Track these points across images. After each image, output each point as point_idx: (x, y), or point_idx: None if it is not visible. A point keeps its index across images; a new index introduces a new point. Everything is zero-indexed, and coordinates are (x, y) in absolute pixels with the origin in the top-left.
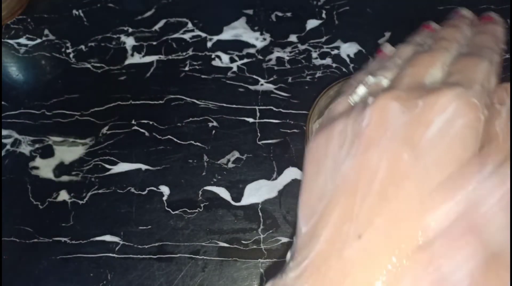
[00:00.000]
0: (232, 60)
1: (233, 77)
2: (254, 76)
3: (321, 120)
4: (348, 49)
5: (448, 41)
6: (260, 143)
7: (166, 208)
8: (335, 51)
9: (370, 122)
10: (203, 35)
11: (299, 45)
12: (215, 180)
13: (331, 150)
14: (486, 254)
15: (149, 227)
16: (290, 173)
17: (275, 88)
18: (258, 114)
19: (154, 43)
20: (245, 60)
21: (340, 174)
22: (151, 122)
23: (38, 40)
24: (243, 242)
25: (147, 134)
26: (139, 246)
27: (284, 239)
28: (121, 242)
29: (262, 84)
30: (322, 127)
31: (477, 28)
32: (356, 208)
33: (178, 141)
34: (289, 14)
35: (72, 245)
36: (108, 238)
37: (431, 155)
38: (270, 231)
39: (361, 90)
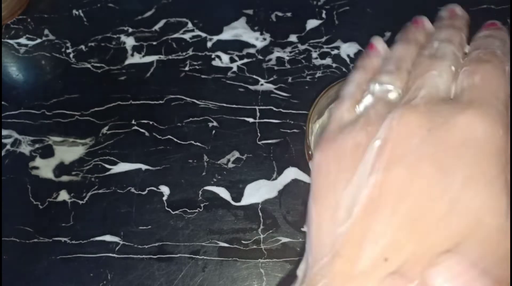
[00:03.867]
0: (232, 60)
1: (233, 77)
2: (254, 76)
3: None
4: (348, 49)
5: (453, 44)
6: (260, 143)
7: (166, 208)
8: (335, 51)
9: (391, 138)
10: (203, 35)
11: (299, 45)
12: (215, 180)
13: (345, 166)
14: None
15: (149, 227)
16: (290, 173)
17: (275, 88)
18: (258, 114)
19: (154, 43)
20: (245, 60)
21: (361, 192)
22: (151, 122)
23: (38, 40)
24: (243, 242)
25: (147, 134)
26: (139, 246)
27: (284, 239)
28: (121, 242)
29: (262, 84)
30: (329, 139)
31: (484, 32)
32: (381, 229)
33: (178, 141)
34: (289, 14)
35: (72, 245)
36: (108, 238)
37: (459, 175)
38: (270, 231)
39: (368, 100)
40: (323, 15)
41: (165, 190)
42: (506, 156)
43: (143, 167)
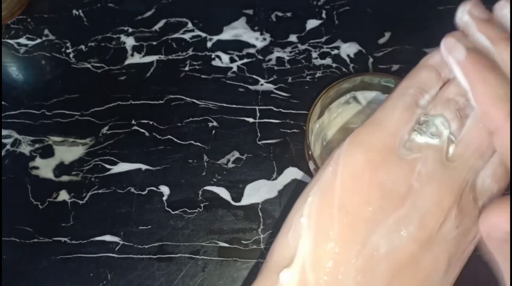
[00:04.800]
0: (232, 60)
1: (233, 77)
2: (254, 76)
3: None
4: (348, 49)
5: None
6: (260, 143)
7: (166, 208)
8: (335, 51)
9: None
10: (203, 35)
11: (299, 45)
12: (215, 180)
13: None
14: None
15: (149, 227)
16: (290, 173)
17: (275, 88)
18: (258, 114)
19: (154, 43)
20: (245, 60)
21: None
22: (151, 122)
23: (38, 40)
24: (243, 242)
25: (147, 134)
26: (139, 246)
27: None
28: (121, 242)
29: (262, 84)
30: (382, 152)
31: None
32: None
33: (178, 141)
34: (289, 14)
35: (72, 245)
36: (108, 238)
37: None
38: (270, 231)
39: (433, 141)
40: (323, 15)
41: (165, 190)
42: None
43: (143, 167)
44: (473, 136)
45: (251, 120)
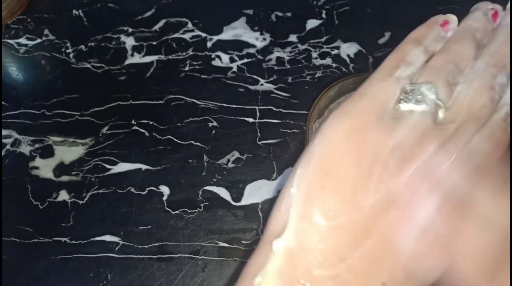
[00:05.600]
0: (232, 60)
1: (233, 77)
2: (254, 76)
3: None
4: (348, 49)
5: None
6: (260, 143)
7: (166, 208)
8: (335, 51)
9: (406, 184)
10: (203, 35)
11: (299, 45)
12: (215, 180)
13: (367, 160)
14: (444, 192)
15: (149, 227)
16: (290, 173)
17: (275, 88)
18: (258, 114)
19: (154, 43)
20: (245, 60)
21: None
22: (151, 122)
23: (38, 40)
24: (243, 242)
25: (147, 134)
26: (139, 246)
27: None
28: (121, 242)
29: (262, 84)
30: (363, 119)
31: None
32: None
33: (178, 141)
34: (289, 14)
35: (72, 245)
36: (108, 238)
37: None
38: None
39: (420, 107)
40: (323, 15)
41: (165, 190)
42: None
43: (143, 167)
44: (466, 99)
45: (251, 120)
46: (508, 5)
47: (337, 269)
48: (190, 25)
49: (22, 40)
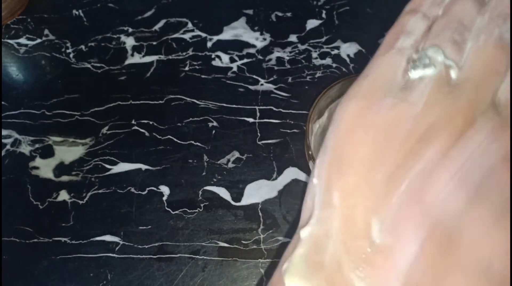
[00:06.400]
0: (232, 60)
1: (233, 77)
2: (254, 76)
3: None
4: (348, 49)
5: None
6: (260, 143)
7: (166, 208)
8: (335, 51)
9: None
10: (203, 35)
11: (299, 45)
12: (215, 180)
13: (396, 145)
14: (433, 223)
15: (149, 227)
16: (290, 173)
17: (275, 88)
18: (258, 114)
19: (154, 43)
20: (245, 60)
21: (406, 182)
22: (151, 122)
23: (38, 40)
24: (243, 242)
25: (147, 134)
26: (139, 246)
27: (284, 239)
28: (121, 242)
29: (262, 84)
30: (371, 97)
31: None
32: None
33: (178, 141)
34: (289, 14)
35: (72, 245)
36: (108, 238)
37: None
38: (270, 231)
39: (429, 71)
40: (323, 15)
41: (165, 190)
42: None
43: (143, 167)
44: (480, 54)
45: (251, 120)
46: None
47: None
48: (190, 25)
49: (22, 40)
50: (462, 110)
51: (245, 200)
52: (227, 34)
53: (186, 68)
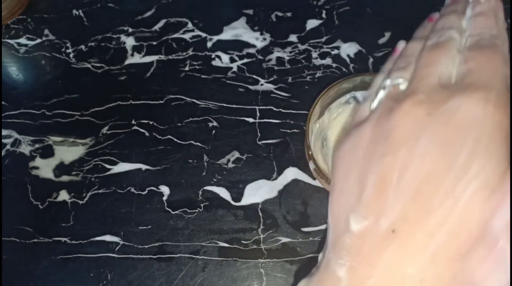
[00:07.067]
0: (232, 60)
1: (233, 77)
2: (254, 76)
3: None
4: (348, 49)
5: (449, 29)
6: (260, 143)
7: (166, 208)
8: (335, 51)
9: (397, 125)
10: (203, 35)
11: (299, 45)
12: (215, 180)
13: (360, 155)
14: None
15: (149, 227)
16: (290, 173)
17: (275, 88)
18: (258, 114)
19: (154, 43)
20: (245, 60)
21: (372, 174)
22: (151, 122)
23: (38, 40)
24: (243, 242)
25: (147, 134)
26: (139, 246)
27: (284, 239)
28: (121, 242)
29: (262, 84)
30: (348, 136)
31: (475, 10)
32: (388, 205)
33: (178, 141)
34: (289, 14)
35: (72, 245)
36: (108, 238)
37: (461, 151)
38: (270, 231)
39: (381, 95)
40: (323, 15)
41: (165, 190)
42: (506, 134)
43: (143, 167)
44: (423, 59)
45: (251, 120)
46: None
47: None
48: (190, 25)
49: (22, 40)
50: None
51: (245, 200)
52: (227, 34)
53: (186, 68)
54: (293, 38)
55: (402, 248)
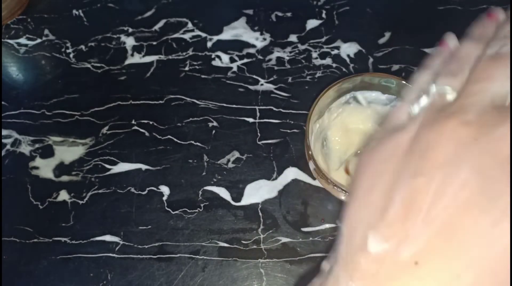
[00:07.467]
0: (232, 60)
1: (233, 77)
2: (254, 76)
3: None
4: (348, 49)
5: None
6: (260, 143)
7: (166, 208)
8: (335, 51)
9: (438, 145)
10: (203, 35)
11: (299, 45)
12: (215, 180)
13: (392, 167)
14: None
15: (149, 227)
16: (290, 173)
17: (275, 88)
18: (258, 114)
19: (154, 43)
20: (245, 60)
21: (401, 192)
22: (151, 122)
23: (38, 40)
24: (243, 242)
25: (147, 134)
26: (139, 246)
27: (284, 239)
28: (121, 242)
29: (262, 84)
30: (381, 141)
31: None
32: (415, 233)
33: (178, 141)
34: (289, 14)
35: (72, 245)
36: (108, 238)
37: (502, 187)
38: (270, 231)
39: (424, 101)
40: (323, 15)
41: (165, 190)
42: None
43: (143, 167)
44: (474, 69)
45: (251, 120)
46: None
47: None
48: (190, 25)
49: (22, 40)
50: (451, 115)
51: (245, 200)
52: (227, 34)
53: (186, 68)
54: (293, 38)
55: (422, 285)
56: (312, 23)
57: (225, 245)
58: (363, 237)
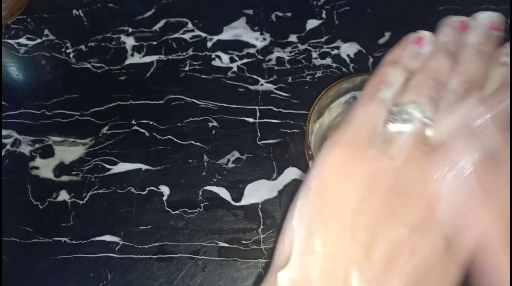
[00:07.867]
0: (232, 60)
1: (233, 77)
2: (254, 76)
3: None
4: (348, 49)
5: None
6: (260, 143)
7: (166, 208)
8: (335, 51)
9: (422, 191)
10: (203, 35)
11: (299, 45)
12: (215, 180)
13: (377, 198)
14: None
15: (149, 227)
16: (290, 173)
17: (275, 88)
18: (258, 114)
19: (154, 43)
20: (245, 60)
21: (386, 236)
22: (151, 122)
23: (38, 40)
24: (243, 242)
25: (147, 134)
26: (139, 246)
27: None
28: (121, 242)
29: (262, 84)
30: (355, 147)
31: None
32: (392, 282)
33: (178, 141)
34: (289, 14)
35: (72, 245)
36: (108, 238)
37: None
38: (270, 231)
39: (407, 128)
40: (323, 15)
41: (165, 190)
42: None
43: (143, 167)
44: (455, 114)
45: (251, 120)
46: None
47: None
48: (190, 25)
49: (22, 40)
50: (437, 173)
51: (245, 200)
52: (227, 34)
53: (186, 68)
54: (293, 38)
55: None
56: (312, 23)
57: (225, 245)
58: (346, 272)
